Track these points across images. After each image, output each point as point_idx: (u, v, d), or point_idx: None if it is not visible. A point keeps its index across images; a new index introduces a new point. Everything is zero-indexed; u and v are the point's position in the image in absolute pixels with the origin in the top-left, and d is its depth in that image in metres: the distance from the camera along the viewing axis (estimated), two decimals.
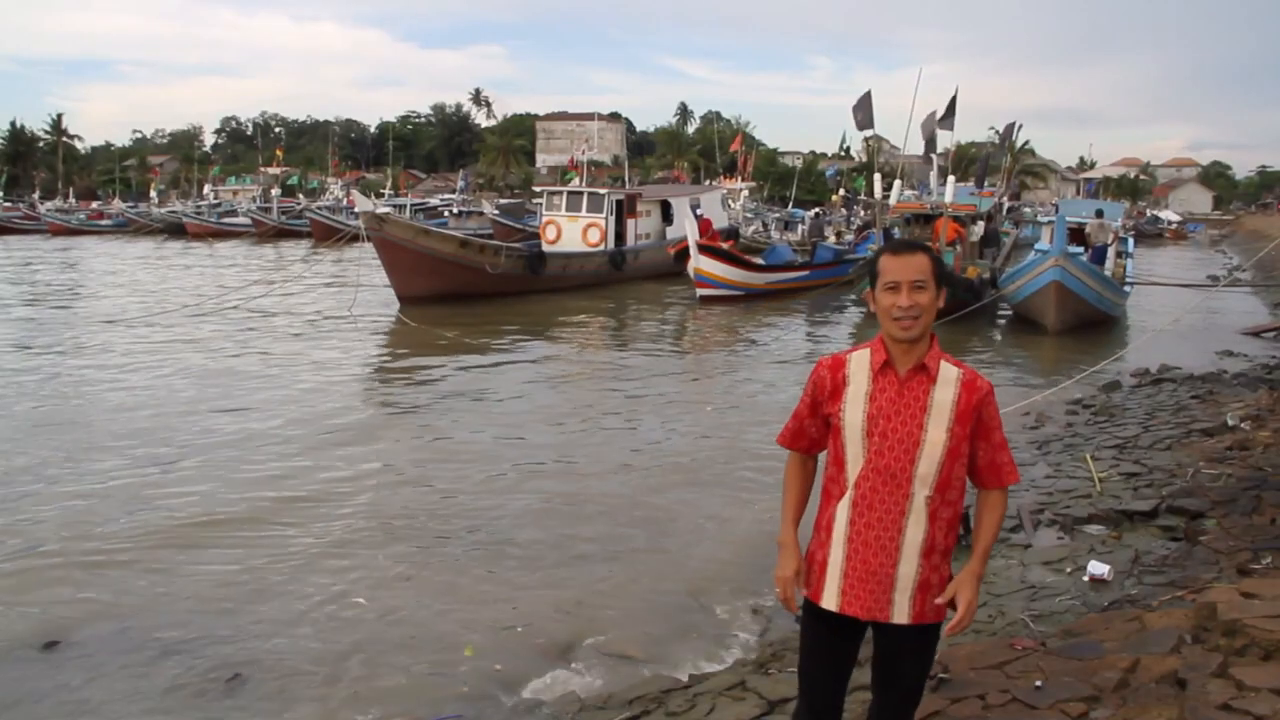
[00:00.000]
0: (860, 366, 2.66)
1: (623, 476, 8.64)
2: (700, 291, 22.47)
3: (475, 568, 6.50)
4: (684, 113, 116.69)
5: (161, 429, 10.12)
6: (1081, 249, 19.80)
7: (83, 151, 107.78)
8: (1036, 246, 20.89)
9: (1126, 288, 20.60)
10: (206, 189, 75.53)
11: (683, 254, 23.56)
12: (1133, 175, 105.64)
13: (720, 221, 29.72)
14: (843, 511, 2.66)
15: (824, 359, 2.73)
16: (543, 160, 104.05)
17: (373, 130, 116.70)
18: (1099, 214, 23.43)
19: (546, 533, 7.14)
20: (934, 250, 2.59)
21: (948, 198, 22.12)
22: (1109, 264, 21.43)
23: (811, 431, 2.77)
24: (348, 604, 5.91)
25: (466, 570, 6.46)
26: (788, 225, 43.30)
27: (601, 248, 26.81)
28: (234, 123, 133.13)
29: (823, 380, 2.70)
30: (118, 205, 68.75)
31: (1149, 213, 73.62)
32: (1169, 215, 74.71)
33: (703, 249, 22.46)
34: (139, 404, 11.37)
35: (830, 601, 2.67)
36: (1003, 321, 19.47)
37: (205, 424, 10.35)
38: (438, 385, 13.11)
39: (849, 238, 32.04)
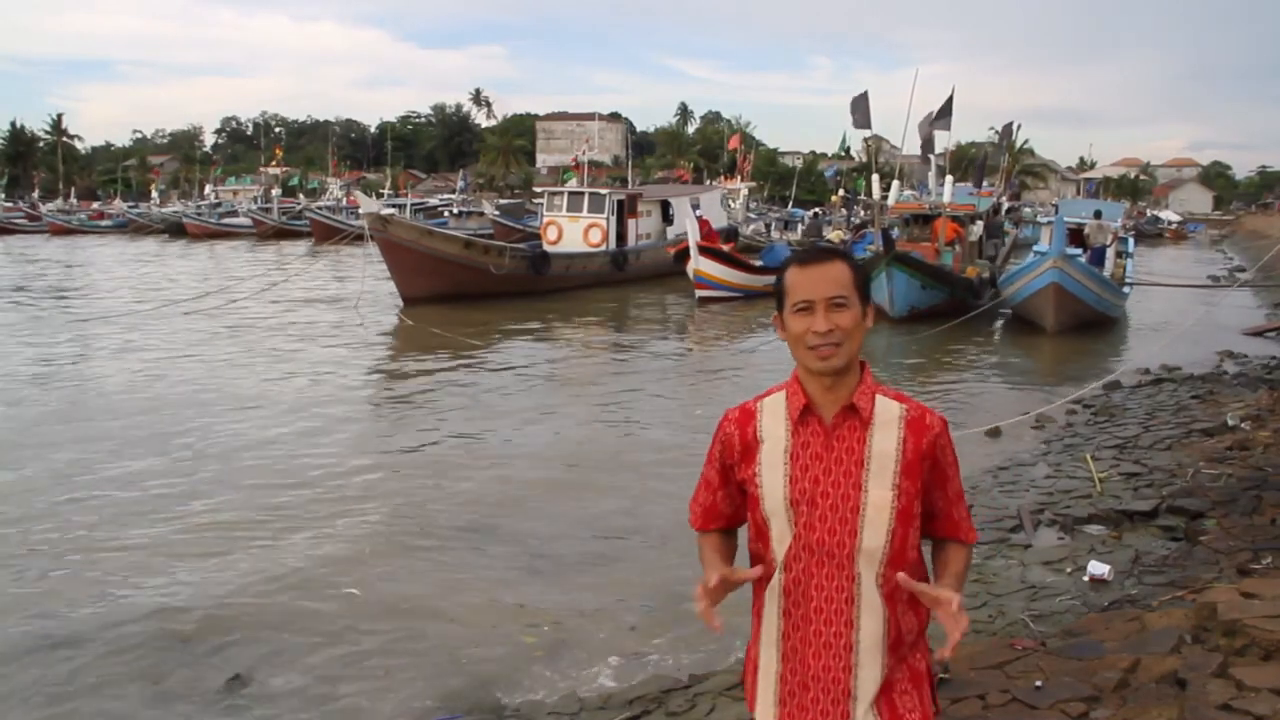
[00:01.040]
0: (775, 416, 2.06)
1: (623, 476, 8.64)
2: (699, 293, 22.47)
3: (475, 566, 6.51)
4: (684, 113, 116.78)
5: (162, 428, 10.12)
6: (1080, 250, 19.82)
7: (83, 151, 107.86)
8: (1035, 248, 20.90)
9: (1126, 288, 20.60)
10: (207, 189, 75.57)
11: (682, 255, 23.57)
12: (1133, 175, 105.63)
13: (719, 221, 29.74)
14: (772, 601, 2.07)
15: (731, 411, 2.13)
16: (543, 160, 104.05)
17: (373, 130, 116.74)
18: (1097, 215, 23.43)
19: (547, 532, 7.15)
20: (850, 255, 2.06)
21: (946, 197, 22.13)
22: (1108, 264, 21.43)
23: (725, 507, 2.17)
24: (348, 603, 5.91)
25: (467, 569, 6.46)
26: (787, 225, 43.35)
27: (603, 248, 26.82)
28: (234, 123, 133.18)
29: (730, 440, 2.10)
30: (119, 205, 68.78)
31: (1149, 213, 73.59)
32: (1169, 215, 74.68)
33: (702, 250, 22.47)
34: (139, 402, 11.38)
35: (766, 715, 2.10)
36: (1001, 322, 19.47)
37: (206, 423, 10.35)
38: (440, 384, 13.11)
39: (845, 237, 32.06)
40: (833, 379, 2.00)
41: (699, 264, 22.31)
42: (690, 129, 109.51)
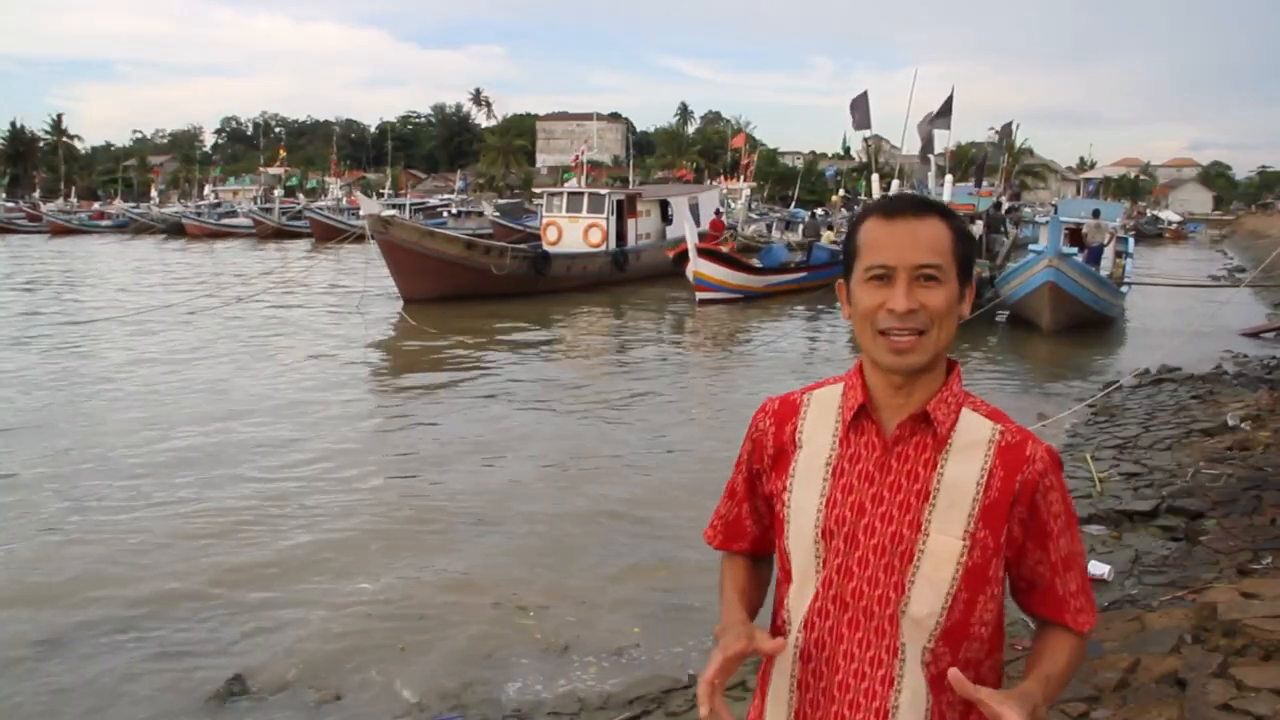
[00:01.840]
0: (823, 415, 1.58)
1: (623, 477, 8.64)
2: (699, 295, 22.46)
3: (477, 564, 6.50)
4: (684, 113, 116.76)
5: (161, 426, 10.12)
6: (1077, 249, 19.83)
7: (83, 151, 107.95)
8: (1031, 247, 20.93)
9: (1124, 288, 20.60)
10: (206, 189, 75.63)
11: (681, 256, 23.58)
12: (1133, 175, 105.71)
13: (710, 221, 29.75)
14: (784, 667, 1.57)
15: (769, 402, 1.66)
16: (543, 160, 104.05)
17: (373, 130, 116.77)
18: (1095, 214, 23.44)
19: (548, 530, 7.15)
20: (954, 214, 1.54)
21: (946, 197, 22.14)
22: (1107, 264, 21.44)
23: (752, 524, 1.69)
24: (348, 602, 5.90)
25: (468, 567, 6.46)
26: (788, 225, 43.39)
27: (603, 248, 26.82)
28: (234, 123, 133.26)
29: (762, 439, 1.63)
30: (119, 205, 68.84)
31: (1149, 213, 73.60)
32: (1169, 215, 74.69)
33: (701, 252, 22.46)
34: (139, 402, 11.37)
35: None
36: (999, 321, 19.48)
37: (206, 422, 10.35)
38: (441, 384, 13.11)
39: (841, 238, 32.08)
40: (906, 379, 1.49)
41: (698, 266, 22.31)
42: (690, 129, 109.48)
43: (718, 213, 31.14)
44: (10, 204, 68.97)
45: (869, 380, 1.54)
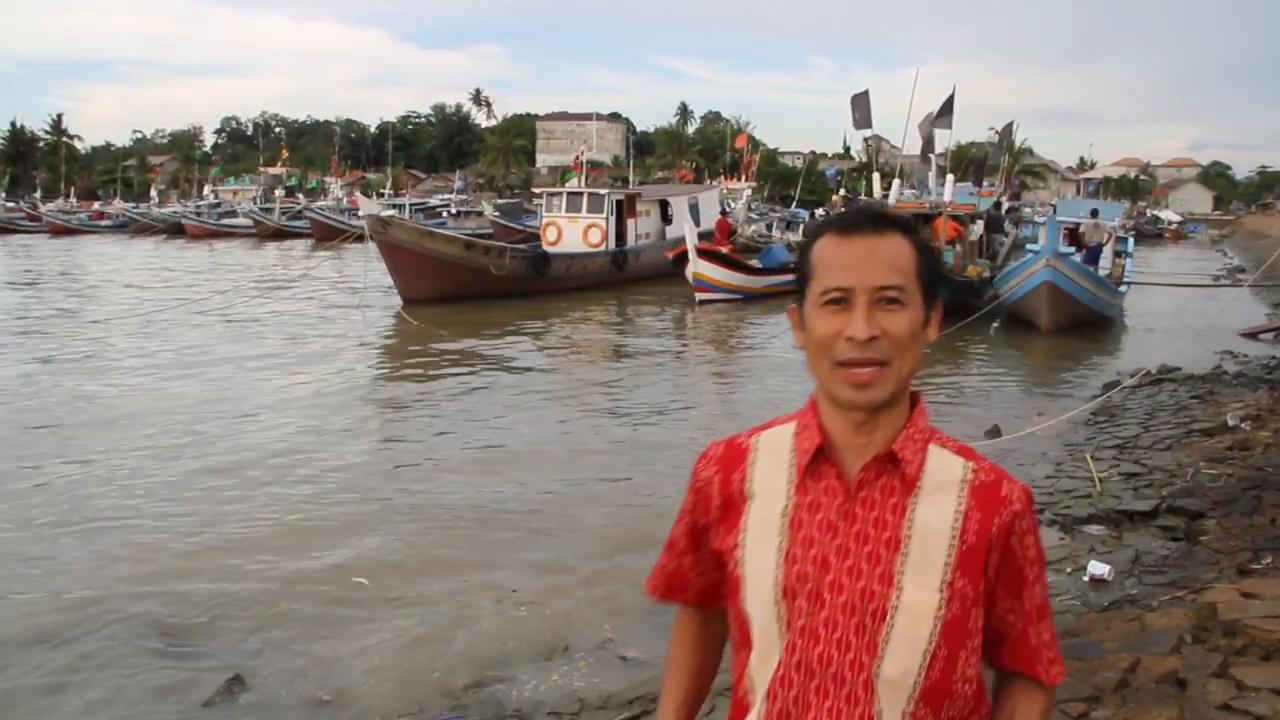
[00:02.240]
0: (775, 460, 1.42)
1: (623, 476, 8.64)
2: (699, 296, 22.43)
3: (477, 564, 6.50)
4: (684, 113, 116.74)
5: (161, 427, 10.12)
6: (1074, 249, 19.85)
7: (83, 151, 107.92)
8: (1028, 247, 20.94)
9: (1123, 287, 20.60)
10: (206, 189, 75.65)
11: (681, 257, 23.57)
12: (1133, 175, 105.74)
13: (714, 221, 29.76)
14: None
15: (712, 447, 1.49)
16: (543, 160, 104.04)
17: (373, 130, 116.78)
18: (1093, 214, 23.45)
19: (549, 530, 7.15)
20: (915, 228, 1.44)
21: (947, 197, 22.14)
22: (1106, 263, 21.44)
23: (695, 575, 1.54)
24: (350, 600, 5.91)
25: (468, 567, 6.46)
26: (789, 225, 43.41)
27: (603, 248, 26.83)
28: (234, 123, 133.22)
29: (706, 489, 1.46)
30: (119, 205, 68.87)
31: (1149, 213, 73.64)
32: (1169, 215, 74.75)
33: (701, 253, 22.44)
34: (139, 401, 11.37)
35: None
36: (998, 321, 19.49)
37: (206, 422, 10.35)
38: (441, 384, 13.11)
39: None
40: (867, 416, 1.34)
41: (697, 266, 22.29)
42: (690, 129, 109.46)
43: (723, 213, 31.06)
44: (11, 204, 68.99)
45: (825, 419, 1.38)
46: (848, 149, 75.56)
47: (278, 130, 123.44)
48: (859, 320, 1.30)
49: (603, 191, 28.54)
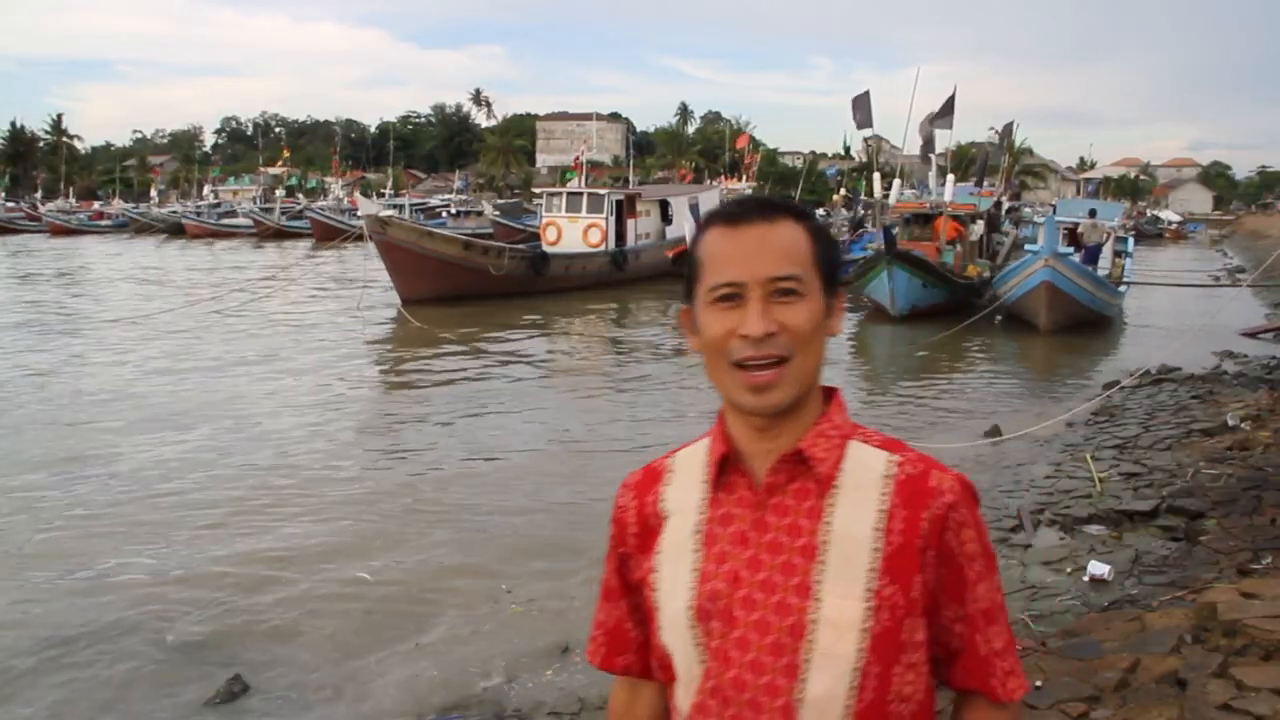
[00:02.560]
0: (688, 477, 1.32)
1: (622, 476, 8.63)
2: None
3: (477, 564, 6.50)
4: (684, 113, 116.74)
5: (160, 426, 10.13)
6: (1073, 248, 19.85)
7: (83, 151, 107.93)
8: (1027, 247, 20.95)
9: (1123, 287, 20.61)
10: (206, 189, 75.67)
11: (680, 256, 23.57)
12: (1133, 175, 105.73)
13: None
14: None
15: (630, 476, 1.41)
16: (543, 160, 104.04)
17: (373, 130, 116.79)
18: (1092, 214, 23.46)
19: (551, 529, 7.15)
20: (809, 213, 1.29)
21: (947, 196, 22.15)
22: (1106, 263, 21.45)
23: (638, 633, 1.37)
24: (349, 602, 5.90)
25: (468, 568, 6.46)
26: None
27: (602, 248, 26.83)
28: (234, 123, 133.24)
29: (624, 517, 1.37)
30: (118, 205, 68.89)
31: (1149, 213, 73.64)
32: (1169, 215, 74.72)
33: None
34: (138, 401, 11.37)
35: None
36: (998, 321, 19.49)
37: (205, 421, 10.35)
38: (440, 384, 13.11)
39: (843, 237, 32.09)
40: (770, 419, 1.23)
41: None
42: (690, 129, 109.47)
43: None
44: (11, 204, 69.00)
45: (731, 426, 1.28)
46: (848, 149, 75.60)
47: (278, 130, 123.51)
48: (753, 316, 1.19)
49: (603, 191, 28.55)
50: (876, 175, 24.60)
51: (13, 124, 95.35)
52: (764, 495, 1.24)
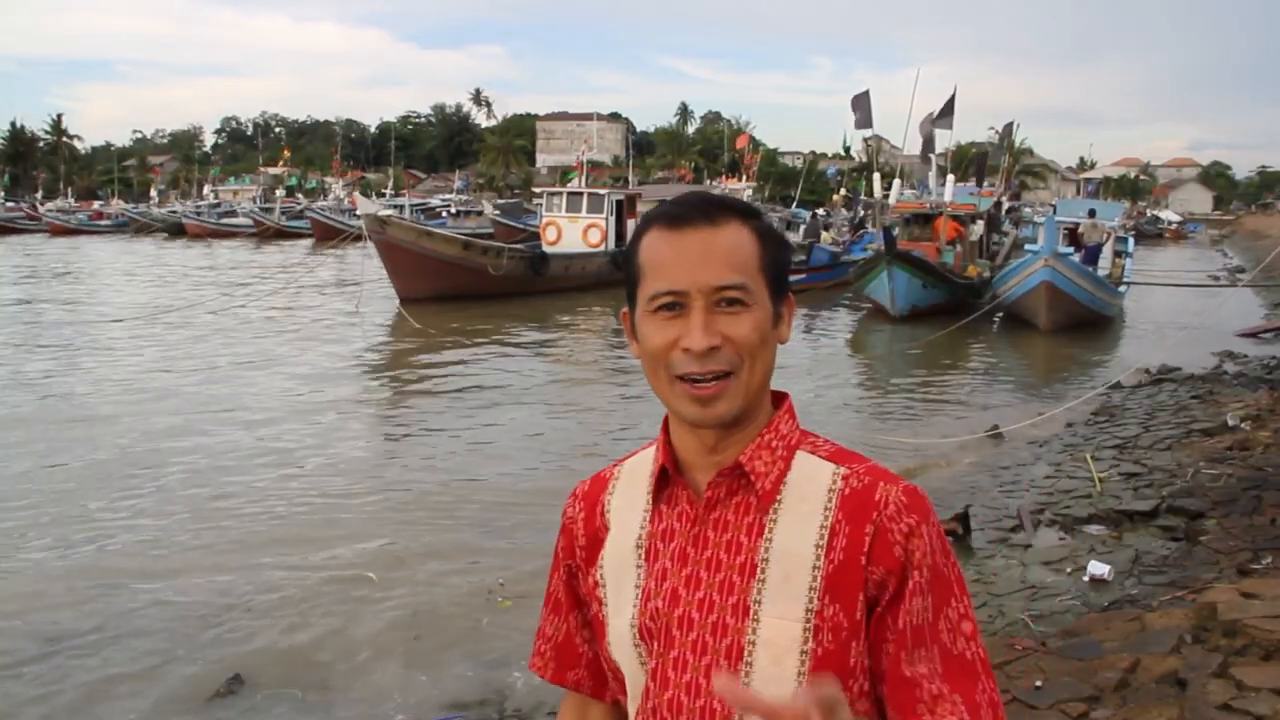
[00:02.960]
0: (632, 487, 1.28)
1: None
2: None
3: (475, 564, 6.50)
4: (684, 113, 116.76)
5: (158, 426, 10.12)
6: (1073, 248, 19.86)
7: (83, 151, 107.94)
8: (1027, 246, 20.97)
9: (1123, 287, 20.62)
10: (206, 189, 75.72)
11: None
12: (1133, 175, 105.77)
13: None
14: None
15: (579, 485, 1.35)
16: (543, 160, 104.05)
17: (373, 130, 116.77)
18: (1092, 214, 23.48)
19: (545, 529, 7.13)
20: (755, 211, 1.21)
21: (947, 197, 22.17)
22: (1106, 263, 21.47)
23: (587, 647, 1.32)
24: (349, 601, 5.90)
25: (467, 567, 6.46)
26: (789, 225, 43.35)
27: (602, 248, 26.84)
28: (234, 123, 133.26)
29: (572, 527, 1.32)
30: (118, 205, 68.90)
31: (1149, 213, 73.65)
32: (1169, 215, 74.76)
33: None
34: (138, 401, 11.37)
35: None
36: (998, 321, 19.51)
37: (203, 421, 10.35)
38: (439, 384, 13.11)
39: (843, 239, 32.09)
40: (718, 433, 1.18)
41: None
42: (690, 129, 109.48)
43: None
44: (11, 204, 69.02)
45: (674, 436, 1.22)
46: (848, 149, 75.60)
47: (278, 130, 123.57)
48: (695, 329, 1.12)
49: (603, 191, 28.56)
50: (876, 175, 24.62)
51: (13, 124, 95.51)
52: (704, 510, 1.18)
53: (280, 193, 66.70)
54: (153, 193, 77.64)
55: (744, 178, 50.34)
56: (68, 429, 10.14)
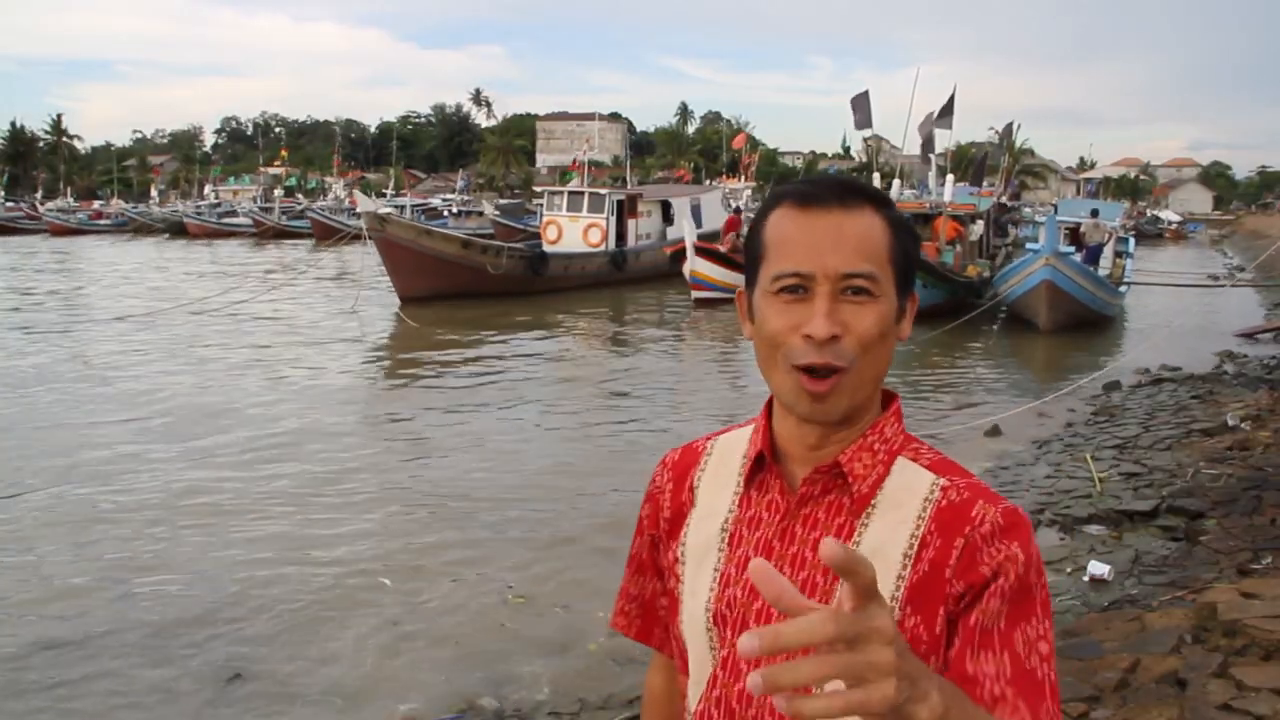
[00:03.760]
0: (724, 467, 1.25)
1: (622, 474, 8.63)
2: (695, 294, 22.42)
3: (474, 564, 6.50)
4: (684, 113, 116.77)
5: (158, 426, 10.12)
6: (1074, 248, 19.86)
7: (83, 151, 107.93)
8: (1028, 246, 20.97)
9: (1123, 287, 20.62)
10: (207, 189, 75.76)
11: (678, 255, 23.56)
12: (1133, 175, 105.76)
13: (716, 221, 29.74)
14: None
15: (670, 453, 1.33)
16: (543, 160, 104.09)
17: (373, 130, 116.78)
18: (1094, 213, 23.49)
19: (545, 528, 7.15)
20: (891, 203, 1.17)
21: (947, 196, 22.16)
22: (1106, 263, 21.47)
23: (664, 612, 1.31)
24: (349, 601, 5.91)
25: (467, 567, 6.46)
26: None
27: (602, 248, 26.84)
28: (234, 123, 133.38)
29: (658, 497, 1.30)
30: (118, 205, 68.91)
31: (1149, 213, 73.67)
32: (1169, 215, 74.78)
33: (699, 251, 22.45)
34: (137, 402, 11.36)
35: None
36: (998, 320, 19.50)
37: (202, 421, 10.34)
38: (439, 383, 13.11)
39: None
40: (823, 428, 1.14)
41: (695, 265, 22.30)
42: (690, 129, 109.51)
43: (736, 211, 30.99)
44: (10, 204, 69.03)
45: (776, 423, 1.18)
46: (848, 149, 75.76)
47: (278, 130, 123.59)
48: (819, 315, 1.07)
49: (604, 191, 28.56)
50: (876, 175, 24.64)
51: (13, 124, 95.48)
52: (795, 504, 1.14)
53: (279, 193, 66.69)
54: (153, 193, 77.65)
55: (743, 177, 50.34)
56: (67, 429, 10.14)
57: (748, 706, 1.13)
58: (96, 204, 73.49)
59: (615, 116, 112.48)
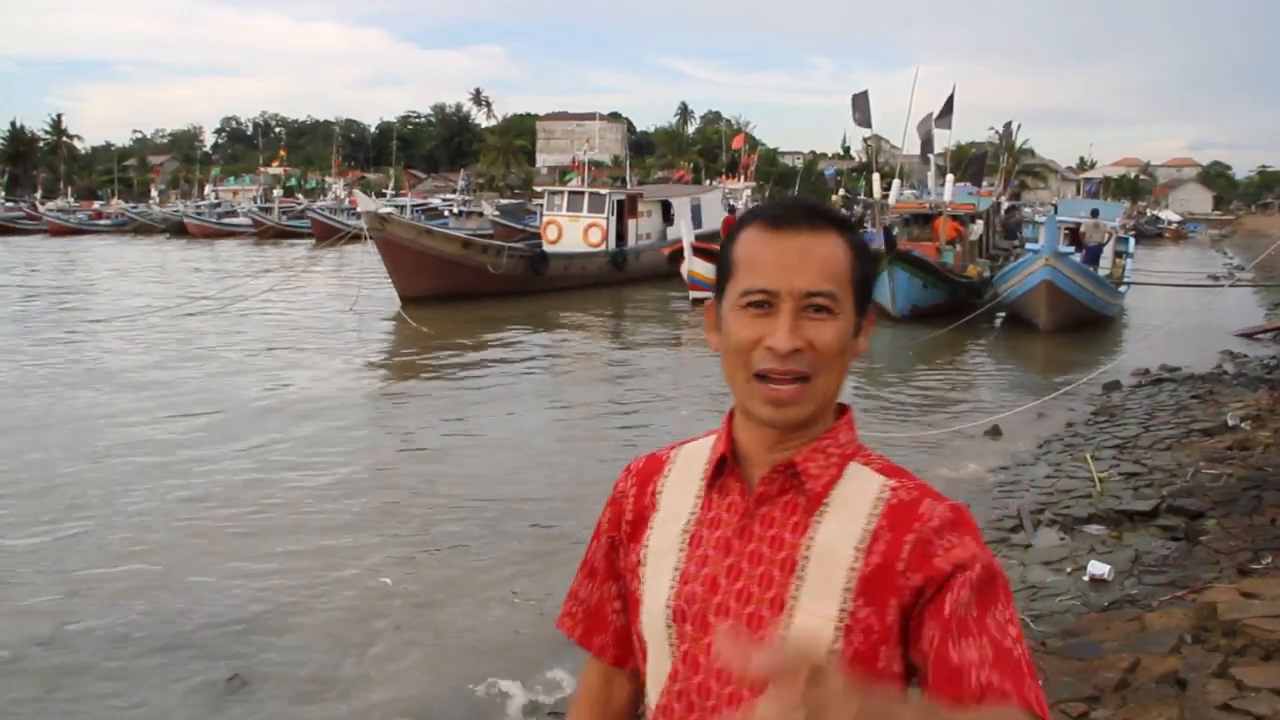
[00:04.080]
0: (687, 473, 1.31)
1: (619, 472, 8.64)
2: (693, 294, 22.42)
3: (474, 564, 6.51)
4: (684, 113, 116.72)
5: (157, 427, 10.12)
6: (1074, 248, 19.86)
7: (83, 151, 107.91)
8: (1027, 246, 20.97)
9: (1123, 287, 20.61)
10: (207, 189, 75.73)
11: (676, 255, 23.56)
12: (1133, 175, 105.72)
13: (717, 221, 29.74)
14: None
15: (634, 461, 1.40)
16: (543, 160, 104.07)
17: (373, 130, 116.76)
18: (1094, 214, 23.49)
19: (546, 528, 7.15)
20: (852, 226, 1.24)
21: (946, 196, 22.17)
22: (1106, 263, 21.47)
23: (617, 616, 1.36)
24: (349, 602, 5.91)
25: (467, 568, 6.46)
26: None
27: (603, 248, 26.83)
28: (234, 123, 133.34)
29: (621, 502, 1.36)
30: (118, 205, 68.89)
31: (1149, 213, 73.65)
32: (1169, 215, 74.76)
33: (696, 251, 22.44)
34: (136, 403, 11.36)
35: None
36: (999, 320, 19.50)
37: (201, 421, 10.35)
38: (439, 383, 13.11)
39: None
40: (782, 434, 1.20)
41: (693, 265, 22.30)
42: (690, 129, 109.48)
43: (731, 210, 31.03)
44: (10, 203, 69.02)
45: (738, 429, 1.25)
46: (847, 149, 75.75)
47: (278, 130, 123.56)
48: (782, 329, 1.14)
49: (604, 191, 28.56)
50: (876, 175, 24.64)
51: (13, 124, 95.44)
52: (754, 504, 1.21)
53: (278, 193, 66.68)
54: (153, 192, 77.64)
55: (742, 177, 50.32)
56: (66, 428, 10.14)
57: (706, 697, 1.18)
58: (96, 204, 73.46)
59: (615, 116, 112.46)
